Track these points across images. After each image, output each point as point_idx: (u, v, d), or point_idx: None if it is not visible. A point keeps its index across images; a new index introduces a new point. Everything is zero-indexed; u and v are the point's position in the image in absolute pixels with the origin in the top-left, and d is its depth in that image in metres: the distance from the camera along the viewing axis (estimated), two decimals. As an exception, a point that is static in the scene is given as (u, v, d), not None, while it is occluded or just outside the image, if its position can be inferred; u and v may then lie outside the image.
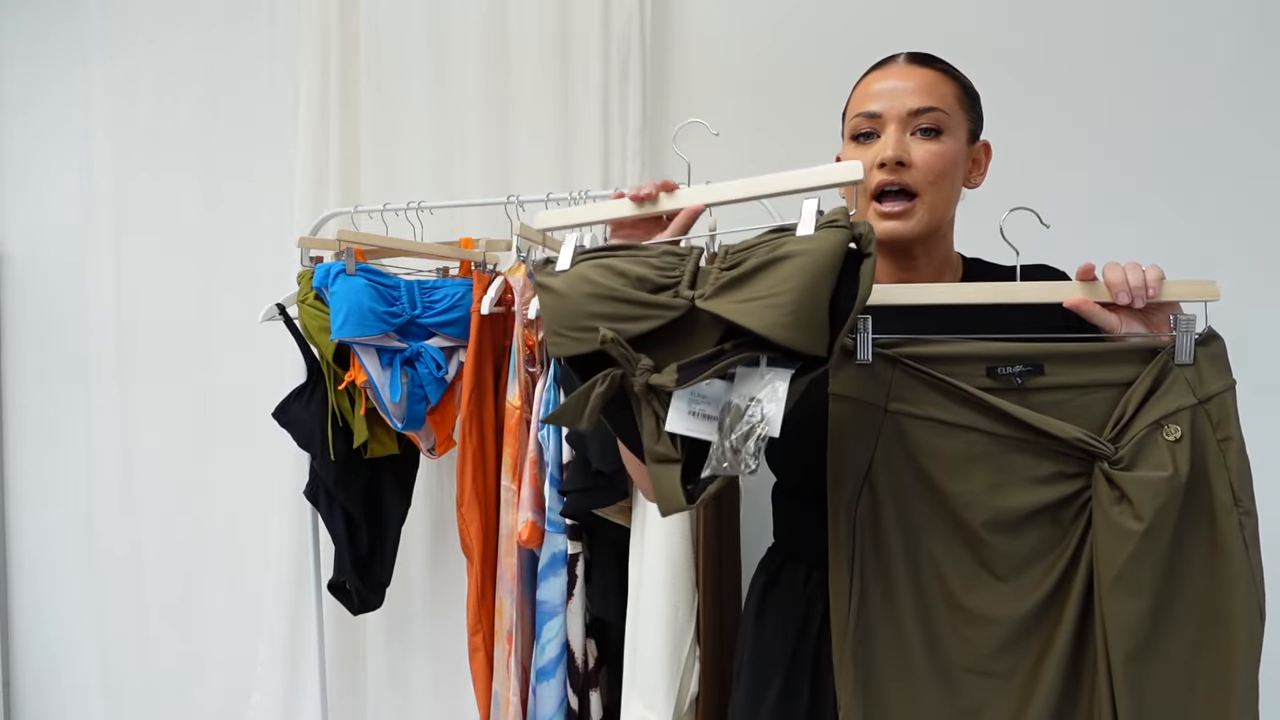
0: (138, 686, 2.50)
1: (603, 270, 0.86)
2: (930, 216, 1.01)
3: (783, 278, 0.78)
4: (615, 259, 0.88)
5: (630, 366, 0.83)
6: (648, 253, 0.89)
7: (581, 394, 0.85)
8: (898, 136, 1.00)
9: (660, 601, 1.34)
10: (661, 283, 0.85)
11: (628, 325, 0.83)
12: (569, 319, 0.86)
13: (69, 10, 2.50)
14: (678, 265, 0.86)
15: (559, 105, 1.91)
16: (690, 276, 0.85)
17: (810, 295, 0.78)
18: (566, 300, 0.87)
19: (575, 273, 0.88)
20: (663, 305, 0.84)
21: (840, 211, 0.83)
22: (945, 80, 1.02)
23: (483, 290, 1.62)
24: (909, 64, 1.03)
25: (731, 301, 0.81)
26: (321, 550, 1.93)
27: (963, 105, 1.03)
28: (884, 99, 1.01)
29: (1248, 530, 0.88)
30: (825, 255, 0.78)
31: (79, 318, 2.52)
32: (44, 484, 2.67)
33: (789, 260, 0.79)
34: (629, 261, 0.87)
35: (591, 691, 1.50)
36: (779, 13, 1.84)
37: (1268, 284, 1.60)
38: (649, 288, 0.85)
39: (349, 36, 2.06)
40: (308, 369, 1.77)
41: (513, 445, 1.58)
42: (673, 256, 0.87)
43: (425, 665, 2.09)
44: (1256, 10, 1.59)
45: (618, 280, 0.85)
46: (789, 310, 0.77)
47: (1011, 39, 1.71)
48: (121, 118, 2.41)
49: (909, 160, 0.99)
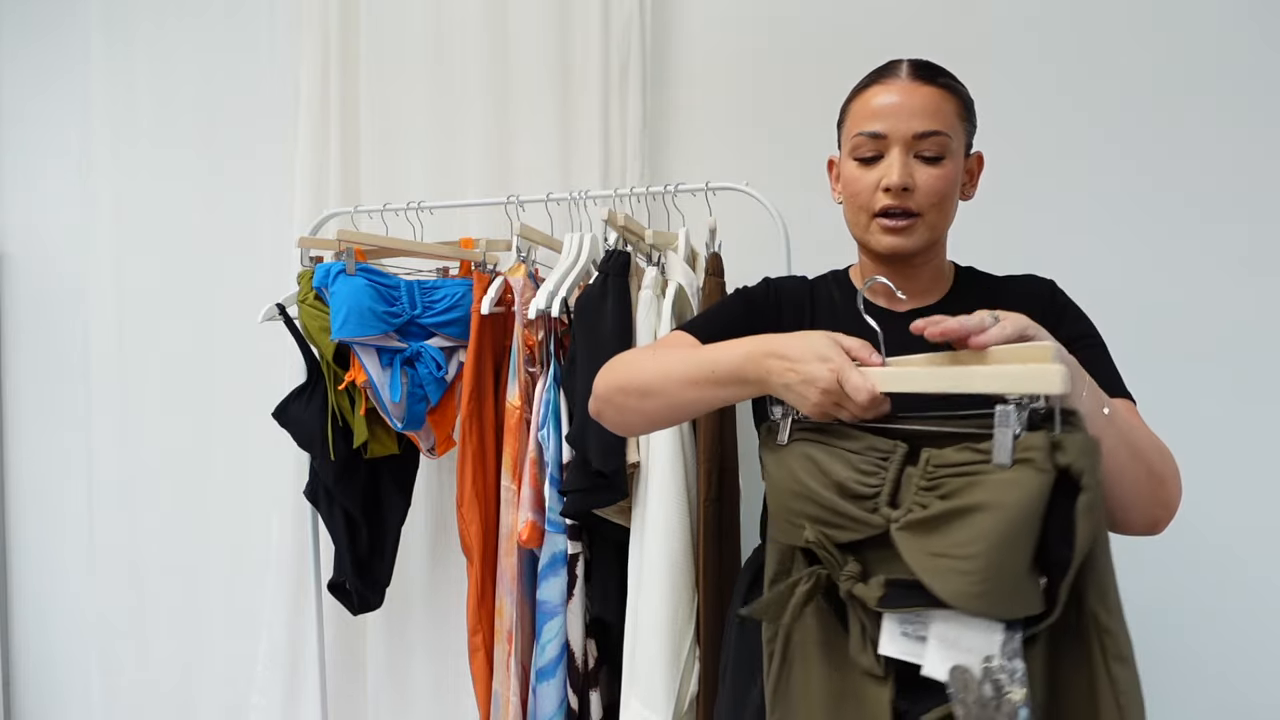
0: (137, 686, 2.50)
1: (808, 464, 0.82)
2: (931, 234, 1.03)
3: (972, 537, 0.69)
4: (823, 449, 0.83)
5: (835, 571, 0.80)
6: (852, 443, 0.82)
7: (786, 589, 0.82)
8: (903, 161, 1.00)
9: (660, 601, 1.35)
10: (860, 491, 0.79)
11: (832, 532, 0.80)
12: (779, 508, 0.85)
13: (69, 11, 2.50)
14: (879, 470, 0.79)
15: (559, 105, 1.91)
16: (891, 488, 0.78)
17: (1004, 561, 0.68)
18: (777, 487, 0.85)
19: (784, 458, 0.86)
20: (861, 521, 0.79)
21: (1037, 441, 0.69)
22: (947, 98, 1.02)
23: (483, 290, 1.62)
24: (912, 80, 1.01)
25: (922, 551, 0.73)
26: (321, 550, 1.93)
27: (962, 121, 1.03)
28: (888, 119, 1.00)
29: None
30: (1020, 513, 0.68)
31: (79, 318, 2.52)
32: (44, 483, 2.67)
33: (980, 514, 0.69)
34: (832, 456, 0.82)
35: (591, 691, 1.50)
36: (779, 13, 1.84)
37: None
38: (848, 495, 0.80)
39: (349, 36, 2.06)
40: (308, 369, 1.77)
41: (513, 445, 1.58)
42: (876, 454, 0.80)
43: (425, 665, 2.09)
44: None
45: (818, 481, 0.81)
46: (978, 580, 0.69)
47: (1018, 39, 1.71)
48: (121, 118, 2.40)
49: (913, 186, 1.00)
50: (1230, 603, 1.62)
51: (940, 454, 0.75)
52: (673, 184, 1.59)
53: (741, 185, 1.54)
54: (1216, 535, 1.61)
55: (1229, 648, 1.62)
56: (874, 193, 1.01)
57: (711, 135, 1.91)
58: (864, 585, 0.78)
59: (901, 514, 0.76)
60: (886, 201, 1.01)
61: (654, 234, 1.50)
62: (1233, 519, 1.60)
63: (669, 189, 1.58)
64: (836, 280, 1.15)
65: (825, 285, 1.15)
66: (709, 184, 1.56)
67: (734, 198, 1.55)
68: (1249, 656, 1.61)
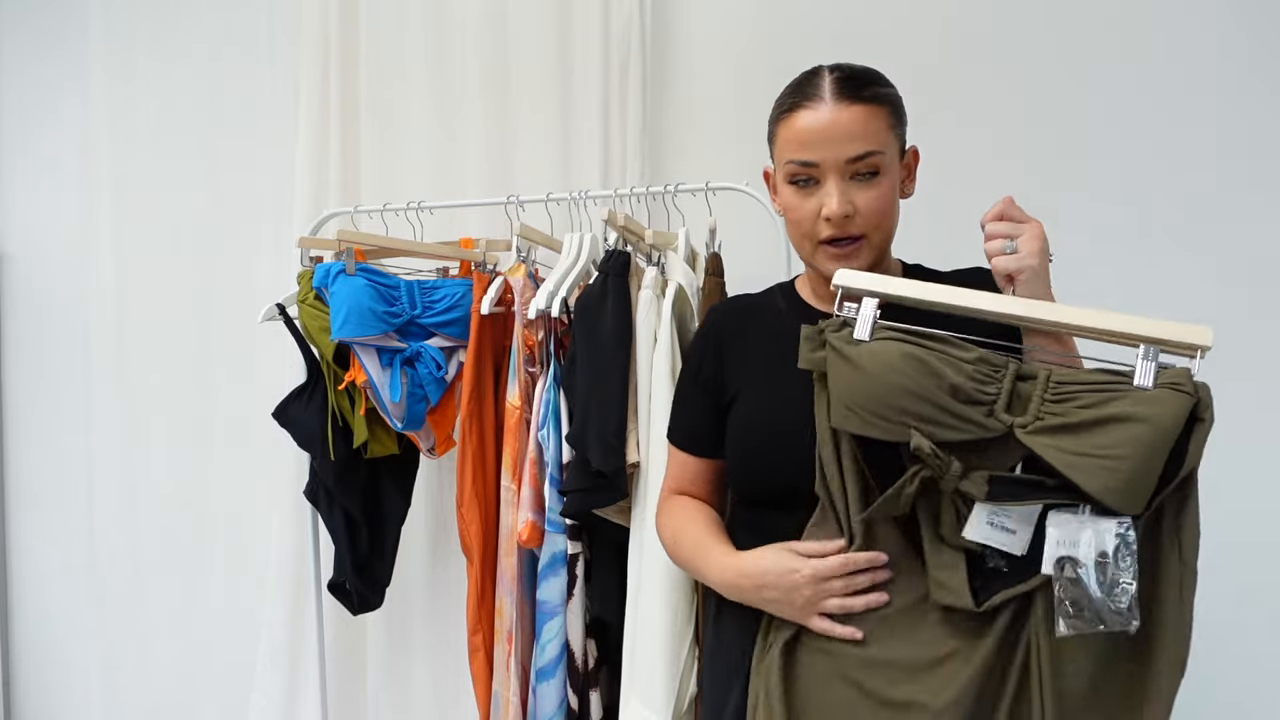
0: (138, 686, 2.50)
1: (917, 364, 0.86)
2: (877, 254, 1.04)
3: (1121, 440, 0.80)
4: (928, 353, 0.87)
5: (940, 472, 0.86)
6: (961, 353, 0.88)
7: (895, 492, 0.89)
8: (840, 189, 0.99)
9: (660, 601, 1.34)
10: (976, 396, 0.86)
11: (937, 430, 0.86)
12: (869, 402, 0.88)
13: (69, 12, 2.50)
14: (993, 379, 0.87)
15: (559, 105, 1.91)
16: (1007, 396, 0.86)
17: (1147, 465, 0.80)
18: (870, 381, 0.88)
19: (881, 353, 0.88)
20: (977, 423, 0.86)
21: (1183, 374, 0.83)
22: (875, 112, 1.00)
23: (483, 290, 1.62)
24: (837, 101, 0.99)
25: (1061, 449, 0.83)
26: (321, 550, 1.93)
27: (893, 130, 1.02)
28: (819, 148, 0.99)
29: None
30: (1168, 426, 0.80)
31: (79, 318, 2.52)
32: (44, 484, 2.67)
33: (1129, 424, 0.80)
34: (943, 362, 0.87)
35: (591, 691, 1.50)
36: (779, 13, 1.84)
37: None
38: (963, 398, 0.86)
39: (349, 36, 2.06)
40: (308, 369, 1.77)
41: (513, 445, 1.58)
42: (988, 366, 0.87)
43: (425, 665, 2.09)
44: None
45: (932, 382, 0.86)
46: (1125, 477, 0.80)
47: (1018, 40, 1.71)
48: (121, 118, 2.40)
49: (854, 211, 1.00)
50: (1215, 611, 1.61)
51: (1064, 373, 0.86)
52: (673, 184, 1.59)
53: (741, 185, 1.54)
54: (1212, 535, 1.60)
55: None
56: (816, 221, 1.02)
57: (711, 135, 1.90)
58: (969, 481, 0.86)
59: (1029, 420, 0.85)
60: (830, 231, 1.01)
61: (654, 234, 1.50)
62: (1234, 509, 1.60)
63: (669, 189, 1.58)
64: (783, 291, 1.17)
65: (771, 297, 1.18)
66: (709, 184, 1.56)
67: (734, 198, 1.55)
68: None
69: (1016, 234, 0.93)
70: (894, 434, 0.87)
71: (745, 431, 1.08)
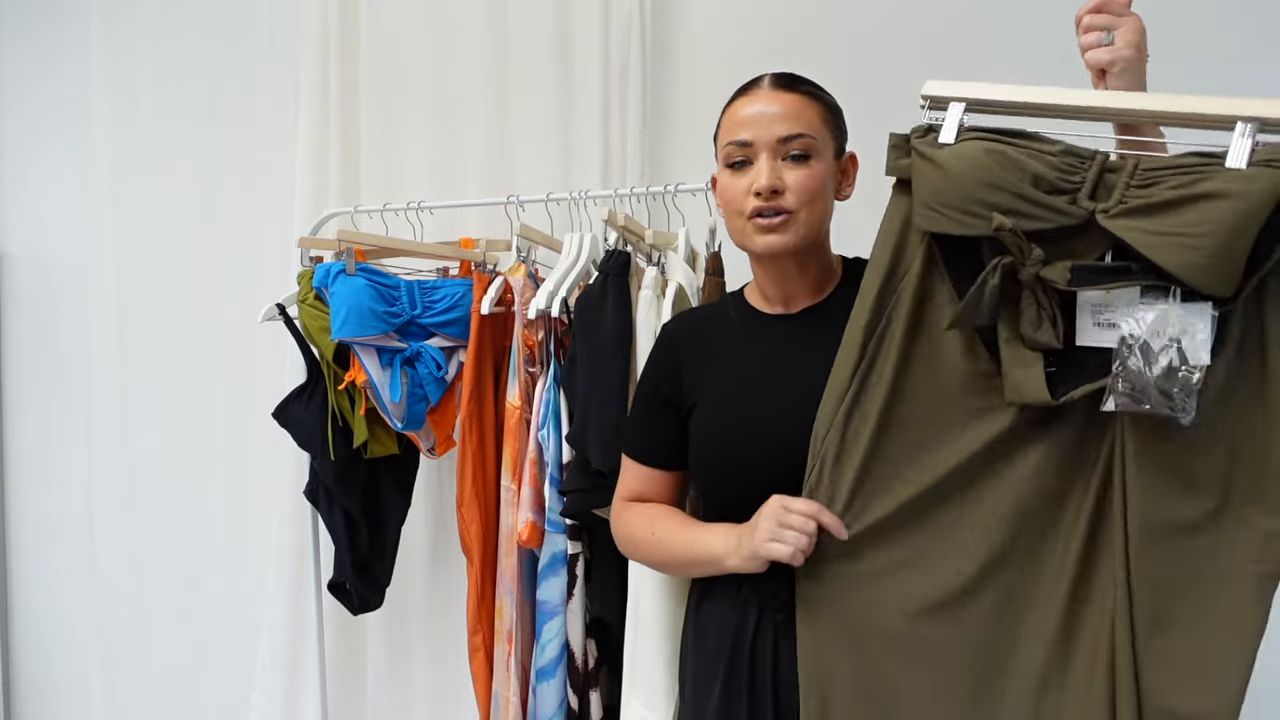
0: (138, 686, 2.50)
1: (999, 158, 0.85)
2: (806, 230, 1.05)
3: (1205, 218, 0.76)
4: (1010, 148, 0.86)
5: (1022, 257, 0.83)
6: (1045, 146, 0.86)
7: (977, 289, 0.86)
8: (770, 165, 1.03)
9: (660, 601, 1.34)
10: (1060, 185, 0.84)
11: (1019, 220, 0.83)
12: (951, 198, 0.86)
13: (69, 10, 2.50)
14: (1078, 169, 0.84)
15: (559, 105, 1.91)
16: (1091, 185, 0.84)
17: (1234, 242, 0.76)
18: (951, 178, 0.86)
19: (964, 151, 0.87)
20: (1059, 210, 0.83)
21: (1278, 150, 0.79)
22: (810, 104, 1.06)
23: (483, 290, 1.62)
24: (774, 89, 1.06)
25: (1141, 229, 0.80)
26: (321, 550, 1.93)
27: (828, 125, 1.07)
28: (753, 127, 1.05)
29: None
30: (1260, 202, 0.76)
31: (79, 318, 2.52)
32: (44, 483, 2.67)
33: (1217, 201, 0.76)
34: (1025, 154, 0.85)
35: (591, 691, 1.50)
36: (779, 13, 1.84)
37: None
38: (1045, 188, 0.84)
39: (349, 36, 2.06)
40: (308, 369, 1.77)
41: (513, 445, 1.58)
42: (1073, 158, 0.85)
43: (425, 665, 2.09)
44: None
45: (1014, 173, 0.84)
46: (1207, 254, 0.76)
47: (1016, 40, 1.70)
48: (121, 117, 2.40)
49: (782, 187, 1.03)
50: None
51: (1153, 159, 0.83)
52: (673, 184, 1.59)
53: (741, 185, 1.54)
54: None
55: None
56: (746, 196, 1.05)
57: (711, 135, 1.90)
58: (1050, 268, 0.83)
59: (1112, 205, 0.82)
60: (757, 203, 1.04)
61: (654, 234, 1.50)
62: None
63: (669, 189, 1.58)
64: (734, 300, 1.19)
65: (723, 307, 1.21)
66: (709, 184, 1.56)
67: (734, 198, 1.55)
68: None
69: (1114, 26, 0.92)
70: (975, 227, 0.85)
71: (707, 436, 1.11)
